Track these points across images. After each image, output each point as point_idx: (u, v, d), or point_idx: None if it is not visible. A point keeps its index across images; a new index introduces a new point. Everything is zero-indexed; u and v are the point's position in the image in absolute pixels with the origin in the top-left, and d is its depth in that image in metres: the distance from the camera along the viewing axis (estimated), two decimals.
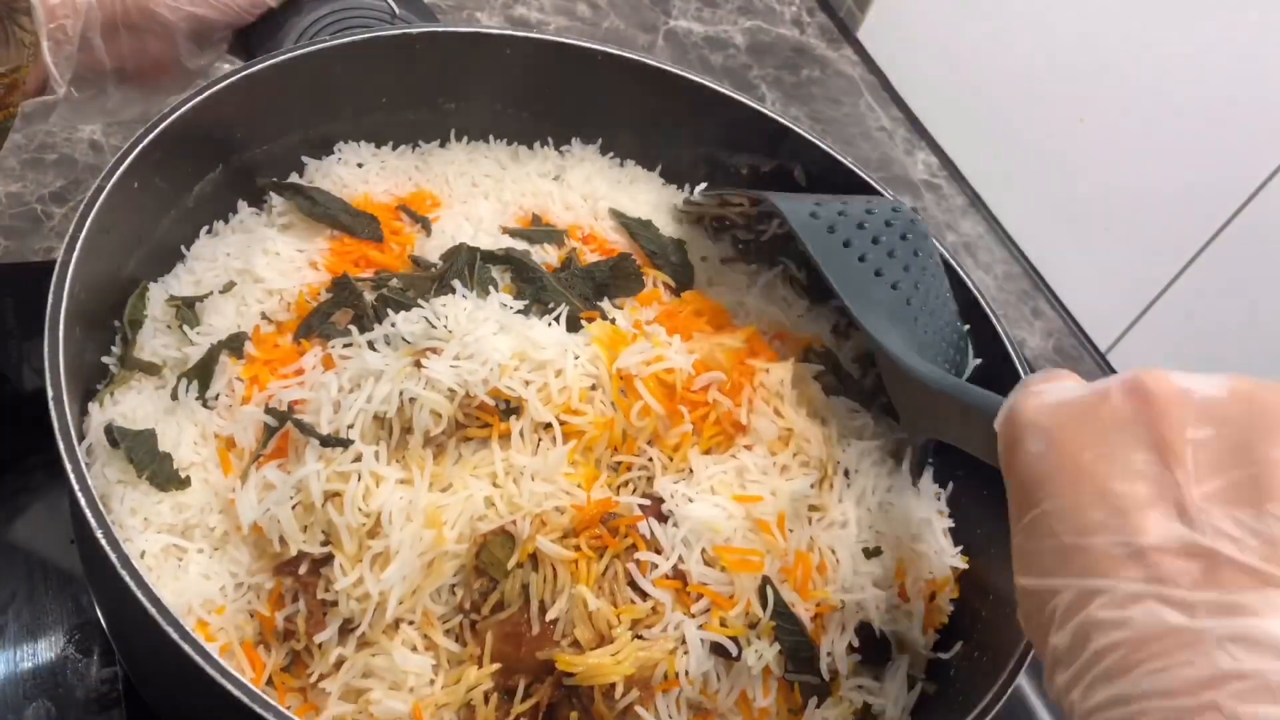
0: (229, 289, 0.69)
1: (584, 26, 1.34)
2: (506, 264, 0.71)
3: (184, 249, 0.72)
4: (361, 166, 0.80)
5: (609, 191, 0.83)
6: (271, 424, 0.62)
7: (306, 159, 0.78)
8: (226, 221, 0.75)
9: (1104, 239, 1.16)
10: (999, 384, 0.56)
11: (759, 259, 0.81)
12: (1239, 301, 1.03)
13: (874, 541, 0.67)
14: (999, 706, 0.58)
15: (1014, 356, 0.74)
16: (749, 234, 0.80)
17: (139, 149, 0.64)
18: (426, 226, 0.76)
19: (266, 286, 0.69)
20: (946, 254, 0.75)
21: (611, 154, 0.86)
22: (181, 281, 0.71)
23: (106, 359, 0.66)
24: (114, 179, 0.62)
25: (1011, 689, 0.59)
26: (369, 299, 0.67)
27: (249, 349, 0.66)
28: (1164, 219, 1.08)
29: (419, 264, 0.72)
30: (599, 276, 0.73)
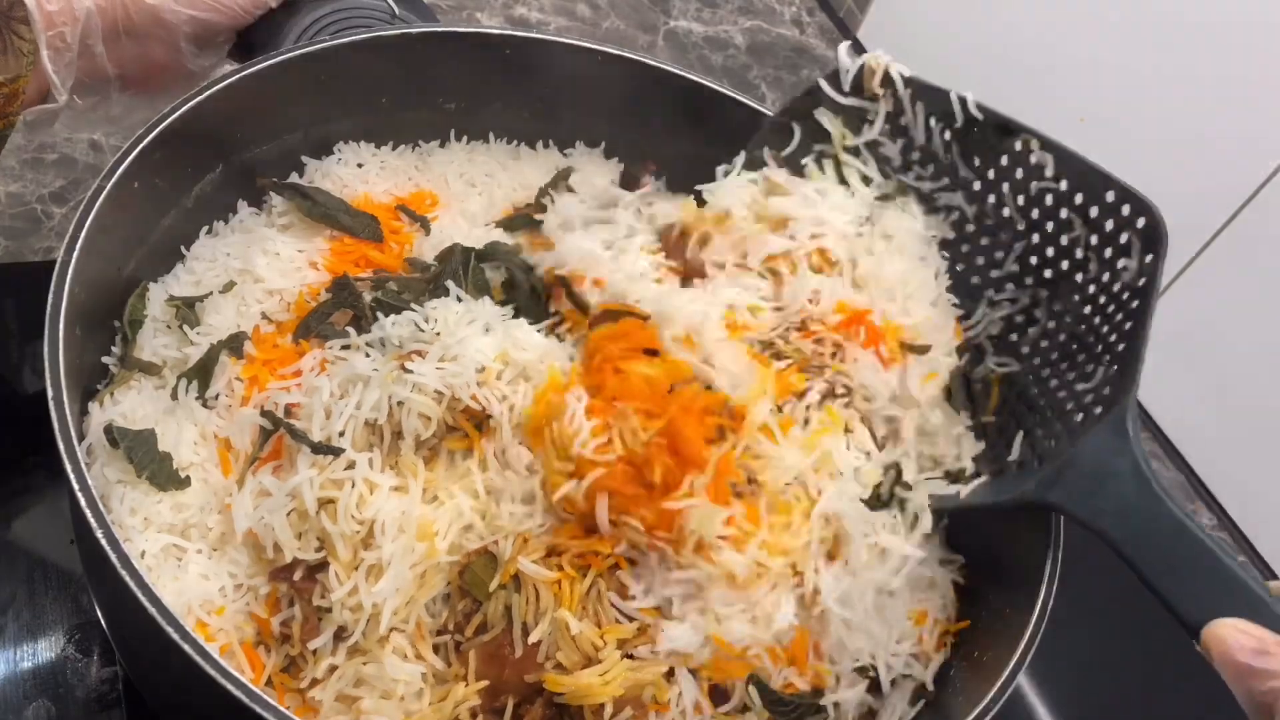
0: (229, 289, 0.69)
1: (584, 26, 1.34)
2: (495, 259, 0.71)
3: (184, 249, 0.72)
4: (361, 166, 0.80)
5: None
6: (267, 427, 0.62)
7: (306, 159, 0.78)
8: (226, 221, 0.75)
9: None
10: None
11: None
12: (1239, 301, 1.03)
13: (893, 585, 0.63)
14: (999, 706, 0.58)
15: None
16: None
17: (139, 149, 0.64)
18: (426, 226, 0.76)
19: (266, 286, 0.69)
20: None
21: (611, 155, 0.86)
22: (181, 281, 0.71)
23: (106, 359, 0.66)
24: (114, 179, 0.62)
25: (1011, 689, 0.58)
26: (368, 300, 0.67)
27: (249, 349, 0.66)
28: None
29: (414, 265, 0.72)
30: None
